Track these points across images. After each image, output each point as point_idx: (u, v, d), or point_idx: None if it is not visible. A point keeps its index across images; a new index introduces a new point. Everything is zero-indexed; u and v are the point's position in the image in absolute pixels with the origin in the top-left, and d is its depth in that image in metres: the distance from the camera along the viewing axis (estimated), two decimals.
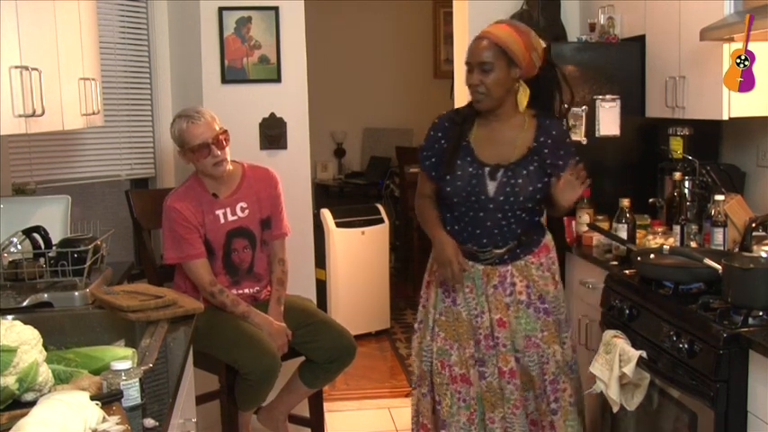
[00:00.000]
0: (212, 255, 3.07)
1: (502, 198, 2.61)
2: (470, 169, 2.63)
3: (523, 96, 2.63)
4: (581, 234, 3.25)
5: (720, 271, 2.32)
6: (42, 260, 2.67)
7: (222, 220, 3.08)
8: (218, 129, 3.04)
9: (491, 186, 2.62)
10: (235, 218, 3.10)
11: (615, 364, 2.46)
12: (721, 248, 2.71)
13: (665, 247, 2.70)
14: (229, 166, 3.08)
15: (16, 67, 2.07)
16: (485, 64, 2.54)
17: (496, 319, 2.65)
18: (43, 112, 2.20)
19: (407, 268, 6.79)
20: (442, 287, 2.73)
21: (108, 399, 1.61)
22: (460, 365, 2.67)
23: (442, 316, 2.73)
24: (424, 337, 2.77)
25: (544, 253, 2.72)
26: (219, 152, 3.01)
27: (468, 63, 2.60)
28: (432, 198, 2.74)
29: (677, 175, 3.04)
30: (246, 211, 3.11)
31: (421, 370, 2.76)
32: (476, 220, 2.65)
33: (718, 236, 2.76)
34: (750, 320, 2.12)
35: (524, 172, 2.62)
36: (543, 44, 2.64)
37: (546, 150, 2.63)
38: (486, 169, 2.63)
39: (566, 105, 2.75)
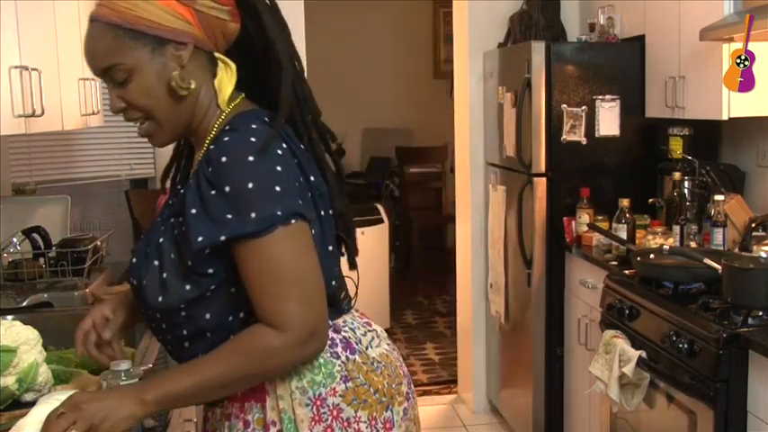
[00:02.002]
0: None
1: (140, 293, 1.38)
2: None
3: (226, 80, 1.38)
4: (581, 234, 3.25)
5: (720, 271, 2.32)
6: (42, 260, 2.67)
7: None
8: None
9: (133, 271, 1.40)
10: None
11: (615, 364, 2.46)
12: (721, 248, 2.71)
13: (664, 247, 2.70)
14: None
15: (16, 67, 2.07)
16: (111, 70, 1.31)
17: None
18: (43, 113, 2.20)
19: (407, 268, 6.80)
20: None
21: None
22: None
23: None
24: None
25: (263, 402, 1.38)
26: None
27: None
28: None
29: (677, 175, 3.04)
30: None
31: None
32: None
33: (718, 236, 2.75)
34: (750, 320, 2.12)
35: (160, 241, 1.36)
36: None
37: (202, 190, 1.29)
38: None
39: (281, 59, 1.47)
